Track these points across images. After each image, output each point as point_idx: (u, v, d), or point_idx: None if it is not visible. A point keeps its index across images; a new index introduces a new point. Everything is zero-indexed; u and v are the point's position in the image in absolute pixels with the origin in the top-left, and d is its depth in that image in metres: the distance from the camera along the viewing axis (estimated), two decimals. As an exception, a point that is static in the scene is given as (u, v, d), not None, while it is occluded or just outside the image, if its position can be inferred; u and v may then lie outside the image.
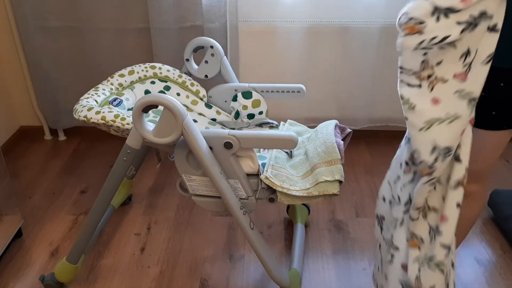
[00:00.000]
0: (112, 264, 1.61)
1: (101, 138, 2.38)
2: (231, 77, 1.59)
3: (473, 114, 0.94)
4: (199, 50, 1.59)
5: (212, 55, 1.57)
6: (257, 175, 1.27)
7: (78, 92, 1.61)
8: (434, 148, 0.93)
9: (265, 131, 1.49)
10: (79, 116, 1.25)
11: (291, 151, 1.43)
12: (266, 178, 1.24)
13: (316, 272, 1.58)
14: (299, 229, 1.66)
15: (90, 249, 1.67)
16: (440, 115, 0.91)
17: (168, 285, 1.53)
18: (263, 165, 1.31)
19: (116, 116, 1.22)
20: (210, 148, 1.20)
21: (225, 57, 1.58)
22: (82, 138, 2.43)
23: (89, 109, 1.25)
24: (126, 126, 1.21)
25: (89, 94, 1.36)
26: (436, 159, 0.93)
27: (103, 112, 1.23)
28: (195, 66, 1.61)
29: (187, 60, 1.60)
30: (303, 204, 1.75)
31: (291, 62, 2.19)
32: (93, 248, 1.68)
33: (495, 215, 1.79)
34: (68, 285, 1.52)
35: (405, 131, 1.21)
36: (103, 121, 1.22)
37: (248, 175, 1.27)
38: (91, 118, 1.23)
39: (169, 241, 1.72)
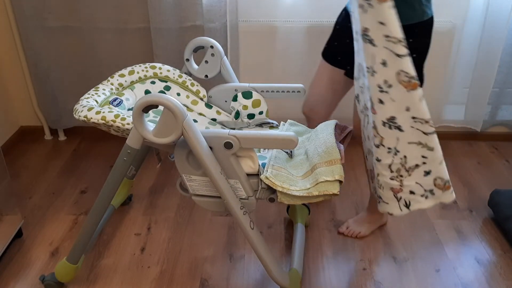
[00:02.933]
0: (112, 264, 1.61)
1: (101, 138, 2.38)
2: (231, 77, 1.59)
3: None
4: (199, 50, 1.59)
5: (212, 55, 1.56)
6: (257, 175, 1.27)
7: (78, 92, 1.61)
8: None
9: (265, 131, 1.49)
10: (79, 116, 1.25)
11: (291, 151, 1.43)
12: (266, 178, 1.24)
13: (316, 272, 1.58)
14: (299, 229, 1.66)
15: (90, 249, 1.67)
16: None
17: (168, 285, 1.53)
18: (263, 165, 1.30)
19: (116, 116, 1.22)
20: (210, 148, 1.20)
21: (225, 57, 1.58)
22: (82, 138, 2.43)
23: (89, 109, 1.25)
24: (126, 126, 1.21)
25: (89, 94, 1.36)
26: None
27: (103, 112, 1.23)
28: (195, 66, 1.61)
29: (187, 60, 1.60)
30: (303, 204, 1.75)
31: (291, 62, 2.19)
32: (93, 248, 1.68)
33: (495, 215, 1.80)
34: (68, 285, 1.53)
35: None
36: (103, 121, 1.22)
37: (248, 175, 1.27)
38: (91, 118, 1.23)
39: (169, 241, 1.72)
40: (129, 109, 1.40)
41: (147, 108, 1.11)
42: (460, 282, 1.54)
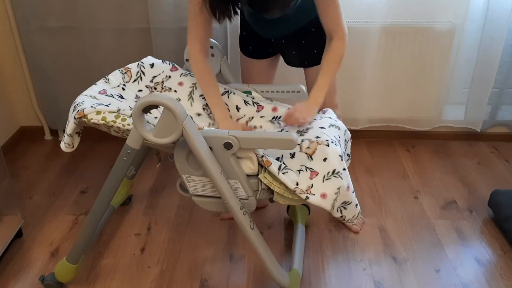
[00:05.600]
0: (112, 264, 1.61)
1: (101, 139, 2.37)
2: (231, 77, 1.59)
3: None
4: (199, 50, 1.59)
5: (212, 55, 1.57)
6: (257, 175, 1.27)
7: (78, 92, 1.61)
8: None
9: (265, 132, 1.48)
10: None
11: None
12: (265, 177, 1.24)
13: (316, 272, 1.58)
14: (299, 229, 1.66)
15: (90, 249, 1.67)
16: None
17: (168, 285, 1.53)
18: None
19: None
20: (210, 148, 1.20)
21: (225, 57, 1.58)
22: (82, 139, 2.42)
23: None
24: (127, 127, 1.21)
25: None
26: None
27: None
28: (195, 66, 1.61)
29: (187, 60, 1.60)
30: (303, 204, 1.75)
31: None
32: (93, 248, 1.68)
33: (495, 215, 1.79)
34: (68, 285, 1.53)
35: (405, 131, 1.21)
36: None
37: (248, 175, 1.27)
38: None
39: (169, 241, 1.72)
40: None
41: (147, 108, 1.11)
42: (460, 282, 1.54)
